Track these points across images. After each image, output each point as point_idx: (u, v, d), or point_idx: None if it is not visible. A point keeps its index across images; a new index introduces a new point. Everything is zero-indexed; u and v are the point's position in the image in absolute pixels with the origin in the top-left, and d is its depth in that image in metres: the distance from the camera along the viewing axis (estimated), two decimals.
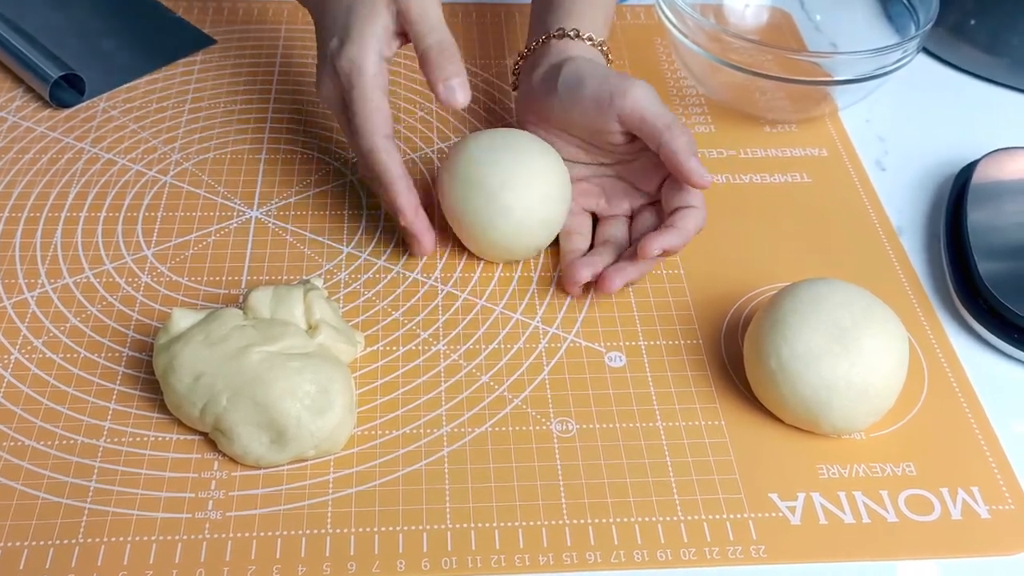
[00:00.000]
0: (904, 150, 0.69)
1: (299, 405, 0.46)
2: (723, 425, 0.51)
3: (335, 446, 0.48)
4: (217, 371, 0.47)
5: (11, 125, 0.66)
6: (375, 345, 0.54)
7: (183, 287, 0.56)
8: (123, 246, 0.58)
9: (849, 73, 0.65)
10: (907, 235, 0.62)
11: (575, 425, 0.50)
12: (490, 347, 0.54)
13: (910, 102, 0.74)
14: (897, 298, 0.57)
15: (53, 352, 0.52)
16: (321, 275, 0.57)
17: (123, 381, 0.51)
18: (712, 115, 0.71)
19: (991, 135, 0.69)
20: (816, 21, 0.78)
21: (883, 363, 0.48)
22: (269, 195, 0.62)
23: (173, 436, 0.49)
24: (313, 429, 0.47)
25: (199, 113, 0.68)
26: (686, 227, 0.55)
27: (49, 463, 0.47)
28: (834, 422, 0.48)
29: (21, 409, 0.50)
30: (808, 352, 0.48)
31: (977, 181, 0.62)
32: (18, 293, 0.55)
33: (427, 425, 0.50)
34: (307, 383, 0.47)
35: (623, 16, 0.80)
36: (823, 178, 0.66)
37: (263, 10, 0.78)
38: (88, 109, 0.68)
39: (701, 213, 0.56)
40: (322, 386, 0.47)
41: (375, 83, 0.54)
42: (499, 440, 0.49)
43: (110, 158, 0.64)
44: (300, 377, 0.47)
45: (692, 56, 0.68)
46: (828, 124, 0.70)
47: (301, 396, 0.47)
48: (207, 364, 0.47)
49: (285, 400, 0.46)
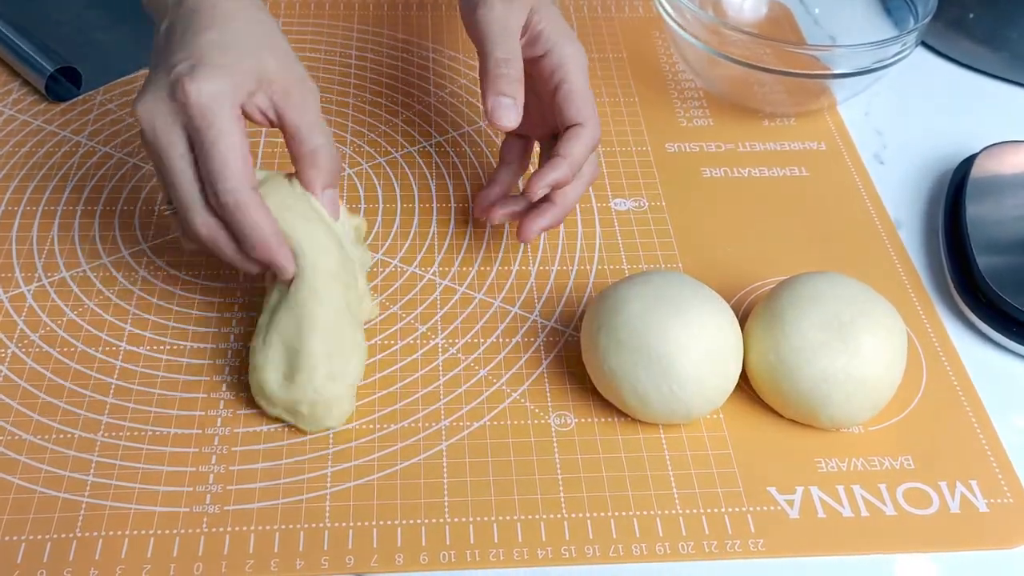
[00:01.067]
0: (902, 144, 0.69)
1: (326, 360, 0.47)
2: (721, 419, 0.50)
3: (328, 415, 0.48)
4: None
5: (7, 118, 0.66)
6: (373, 339, 0.53)
7: (180, 281, 0.56)
8: (120, 240, 0.58)
9: (848, 66, 0.65)
10: (906, 229, 0.62)
11: (573, 419, 0.50)
12: (488, 341, 0.54)
13: (908, 96, 0.73)
14: (896, 292, 0.57)
15: (50, 346, 0.52)
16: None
17: (120, 375, 0.51)
18: (710, 108, 0.71)
19: (989, 129, 0.69)
20: (815, 14, 0.78)
21: (882, 357, 0.48)
22: None
23: (171, 431, 0.49)
24: (317, 386, 0.47)
25: None
26: (572, 153, 0.51)
27: (46, 457, 0.47)
28: (832, 416, 0.48)
29: (18, 403, 0.49)
30: (807, 346, 0.48)
31: (976, 175, 0.62)
32: (15, 287, 0.55)
33: (425, 419, 0.50)
34: (339, 345, 0.48)
35: (621, 8, 0.80)
36: (821, 172, 0.66)
37: None
38: (85, 102, 0.68)
39: (590, 132, 0.52)
40: (346, 356, 0.48)
41: (239, 125, 0.46)
42: (497, 434, 0.49)
43: (107, 151, 0.64)
44: (339, 336, 0.48)
45: (690, 49, 0.68)
46: (827, 118, 0.70)
47: (329, 354, 0.47)
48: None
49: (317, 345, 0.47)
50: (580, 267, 0.58)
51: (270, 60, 0.48)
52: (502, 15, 0.53)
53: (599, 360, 0.49)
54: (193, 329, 0.53)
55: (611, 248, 0.59)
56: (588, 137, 0.53)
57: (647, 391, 0.47)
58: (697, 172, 0.65)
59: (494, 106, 0.51)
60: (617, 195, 0.63)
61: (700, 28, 0.66)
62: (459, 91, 0.71)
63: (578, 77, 0.54)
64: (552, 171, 0.52)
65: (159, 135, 0.45)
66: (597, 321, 0.49)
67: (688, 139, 0.68)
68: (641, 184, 0.64)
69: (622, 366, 0.48)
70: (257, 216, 0.45)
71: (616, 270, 0.58)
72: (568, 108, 0.53)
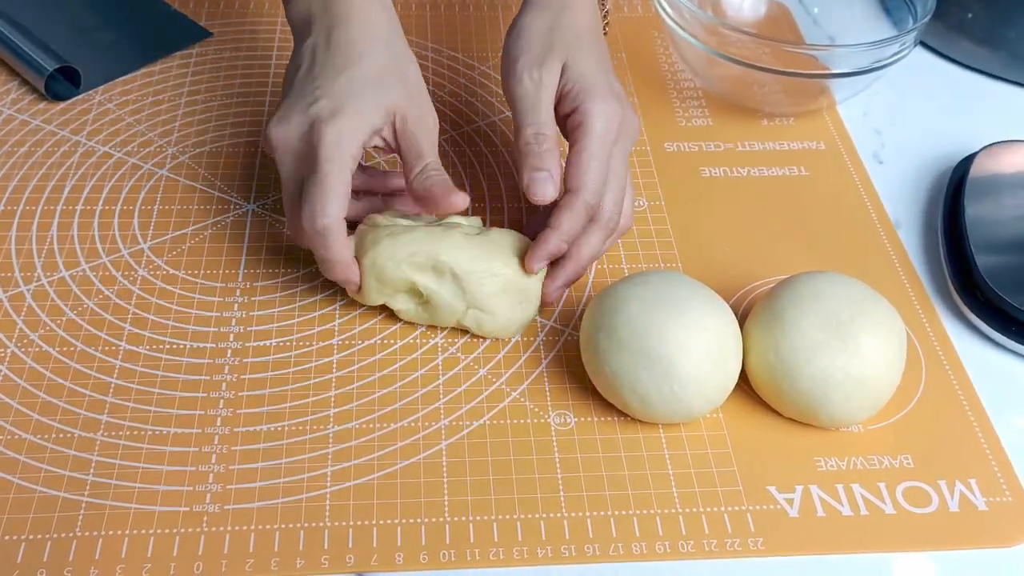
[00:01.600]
0: (901, 143, 0.69)
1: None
2: (721, 418, 0.50)
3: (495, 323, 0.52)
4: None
5: (6, 118, 0.66)
6: (372, 339, 0.53)
7: (180, 280, 0.56)
8: (119, 239, 0.58)
9: (847, 66, 0.65)
10: (905, 228, 0.62)
11: (573, 418, 0.50)
12: (488, 340, 0.54)
13: (907, 95, 0.74)
14: (895, 291, 0.57)
15: (50, 346, 0.52)
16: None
17: (120, 375, 0.51)
18: (710, 108, 0.71)
19: (988, 128, 0.69)
20: (814, 14, 0.78)
21: (881, 356, 0.48)
22: (266, 188, 0.62)
23: (171, 430, 0.49)
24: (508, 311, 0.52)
25: (195, 106, 0.68)
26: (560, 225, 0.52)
27: (46, 456, 0.47)
28: (832, 415, 0.48)
29: (17, 403, 0.49)
30: (806, 345, 0.48)
31: (975, 174, 0.62)
32: (14, 287, 0.55)
33: (425, 418, 0.50)
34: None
35: (620, 9, 0.80)
36: (821, 171, 0.66)
37: (259, 3, 0.78)
38: (84, 102, 0.68)
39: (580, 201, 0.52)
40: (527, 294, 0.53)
41: (350, 168, 0.50)
42: (497, 433, 0.49)
43: (106, 151, 0.64)
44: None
45: (689, 49, 0.68)
46: (826, 117, 0.70)
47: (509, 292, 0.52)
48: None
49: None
50: None
51: (401, 96, 0.52)
52: (531, 89, 0.54)
53: (599, 361, 0.49)
54: (193, 328, 0.53)
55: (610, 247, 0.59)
56: (578, 207, 0.52)
57: (648, 392, 0.47)
58: (696, 172, 0.65)
59: (530, 182, 0.52)
60: None
61: (699, 28, 0.66)
62: (459, 91, 0.71)
63: (591, 139, 0.53)
64: (543, 246, 0.52)
65: (282, 161, 0.52)
66: (596, 323, 0.49)
67: (687, 139, 0.68)
68: (640, 184, 0.64)
69: (623, 367, 0.48)
70: (336, 247, 0.50)
71: (615, 269, 0.58)
72: (568, 171, 0.53)
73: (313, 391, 0.51)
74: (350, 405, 0.50)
